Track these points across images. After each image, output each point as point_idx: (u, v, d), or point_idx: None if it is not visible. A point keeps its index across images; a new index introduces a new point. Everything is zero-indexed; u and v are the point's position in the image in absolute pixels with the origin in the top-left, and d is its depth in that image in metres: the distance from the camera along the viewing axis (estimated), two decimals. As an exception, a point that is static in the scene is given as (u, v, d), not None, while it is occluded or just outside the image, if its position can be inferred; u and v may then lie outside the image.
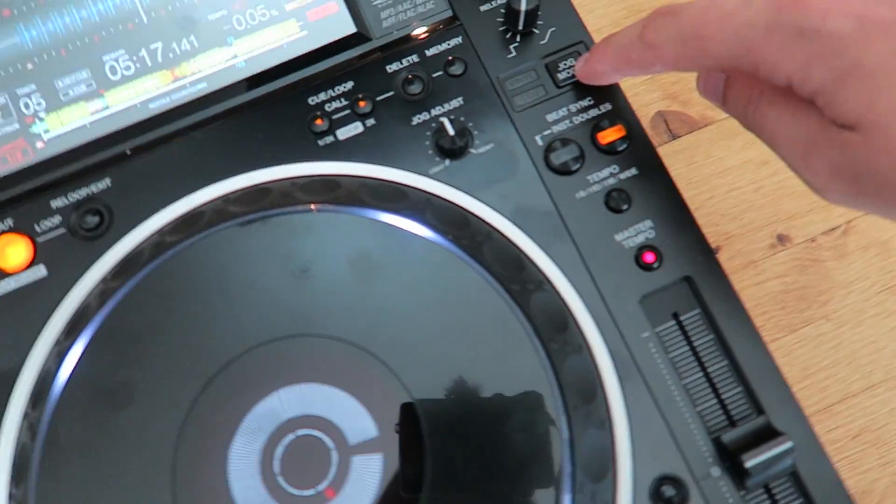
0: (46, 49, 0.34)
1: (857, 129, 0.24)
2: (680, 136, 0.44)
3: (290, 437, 0.29)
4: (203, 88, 0.34)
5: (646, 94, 0.45)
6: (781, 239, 0.43)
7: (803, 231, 0.43)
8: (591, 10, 0.46)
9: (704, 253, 0.31)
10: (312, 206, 0.31)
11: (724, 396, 0.30)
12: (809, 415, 0.40)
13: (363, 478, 0.28)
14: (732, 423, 0.30)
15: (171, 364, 0.29)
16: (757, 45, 0.25)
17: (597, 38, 0.44)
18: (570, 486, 0.27)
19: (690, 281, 0.31)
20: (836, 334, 0.41)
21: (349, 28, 0.35)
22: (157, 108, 0.34)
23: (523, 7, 0.32)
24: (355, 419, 0.29)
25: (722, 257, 0.42)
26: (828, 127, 0.25)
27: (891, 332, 0.41)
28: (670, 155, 0.44)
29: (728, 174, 0.43)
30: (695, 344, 0.31)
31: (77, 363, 0.29)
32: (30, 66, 0.34)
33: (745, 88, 0.28)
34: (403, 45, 0.34)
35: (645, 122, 0.44)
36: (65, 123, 0.34)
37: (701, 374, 0.31)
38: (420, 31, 0.35)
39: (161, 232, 0.31)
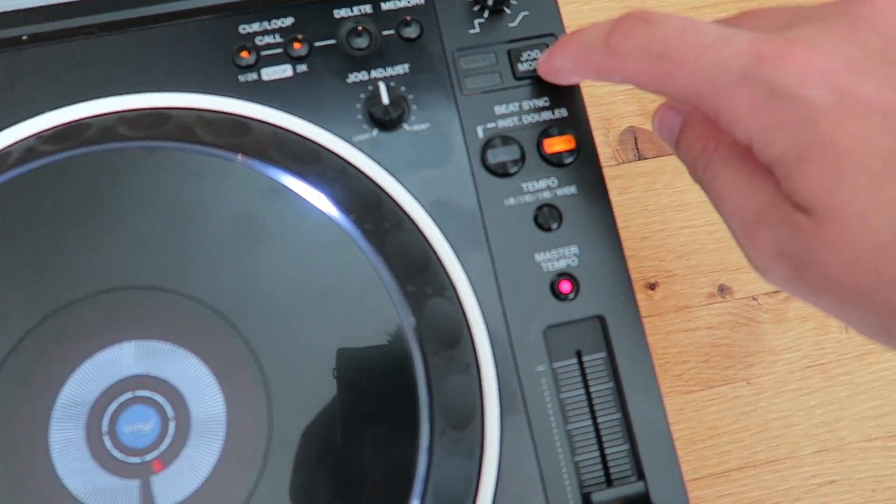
0: None
1: (812, 214, 0.21)
2: (646, 158, 0.41)
3: (128, 395, 0.26)
4: (129, -15, 0.30)
5: (623, 105, 0.42)
6: (722, 290, 0.40)
7: (747, 287, 0.40)
8: (588, 1, 0.43)
9: (625, 294, 0.29)
10: (212, 149, 0.27)
11: (607, 451, 0.28)
12: (704, 476, 0.39)
13: (196, 459, 0.25)
14: (609, 482, 0.28)
15: (12, 288, 0.26)
16: (725, 91, 0.22)
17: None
18: (416, 513, 0.25)
19: (603, 321, 0.29)
20: (753, 400, 0.39)
21: (305, -44, 0.31)
22: (72, -5, 0.30)
23: (496, -19, 0.29)
24: (205, 393, 0.26)
25: (657, 295, 0.40)
26: (782, 203, 0.22)
27: (808, 410, 0.39)
28: (632, 175, 0.41)
29: (685, 210, 0.41)
30: (591, 389, 0.28)
31: None
32: (-63, -87, 0.30)
33: (700, 139, 0.25)
34: (360, -10, 0.31)
35: (614, 135, 0.41)
36: (-37, -12, 0.30)
37: (590, 422, 0.28)
38: (382, -20, 0.31)
39: (39, 136, 0.28)
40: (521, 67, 0.30)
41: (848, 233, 0.20)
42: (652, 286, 0.40)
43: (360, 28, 0.30)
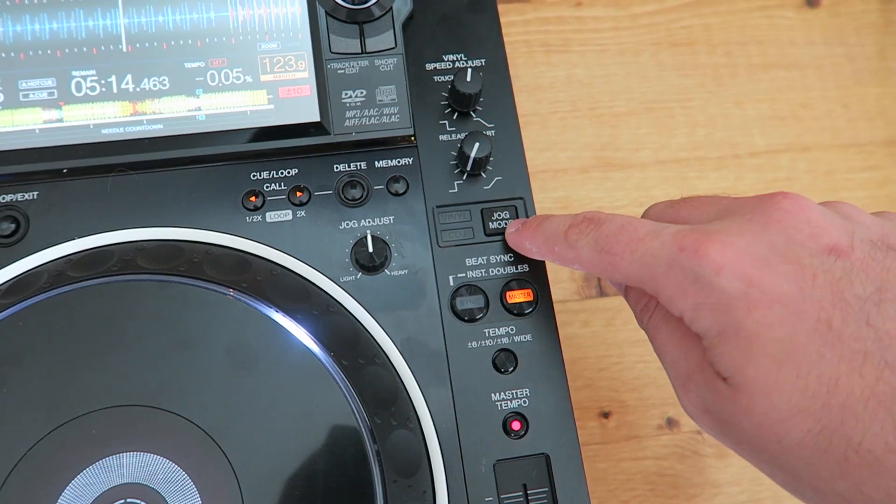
0: (20, 47, 0.35)
1: (728, 383, 0.25)
2: (607, 295, 0.45)
3: (122, 501, 0.29)
4: (158, 129, 0.35)
5: (590, 244, 0.47)
6: (670, 423, 0.44)
7: (693, 422, 0.44)
8: (564, 150, 0.48)
9: (569, 436, 0.32)
10: (222, 290, 0.31)
11: (544, 580, 0.31)
12: None
13: (174, 562, 0.28)
14: None
15: (28, 400, 0.29)
16: (656, 277, 0.26)
17: (558, 178, 0.46)
18: None
19: (548, 459, 0.32)
20: (694, 529, 0.42)
21: (313, 116, 0.36)
22: (108, 134, 0.35)
23: (473, 154, 0.34)
24: (187, 502, 0.29)
25: (610, 423, 0.43)
26: (707, 368, 0.26)
27: (745, 542, 0.42)
28: (593, 311, 0.45)
29: (640, 346, 0.45)
30: (534, 521, 0.32)
31: (-64, 370, 0.29)
32: (2, 55, 0.35)
33: (644, 295, 0.29)
34: (357, 148, 0.35)
35: (579, 273, 0.46)
36: (15, 123, 0.34)
37: (530, 551, 0.31)
38: (378, 140, 0.36)
39: (68, 261, 0.32)
40: (492, 225, 0.35)
41: (755, 404, 0.24)
42: (606, 415, 0.44)
43: (354, 181, 0.35)
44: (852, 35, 0.53)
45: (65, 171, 0.34)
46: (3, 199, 0.33)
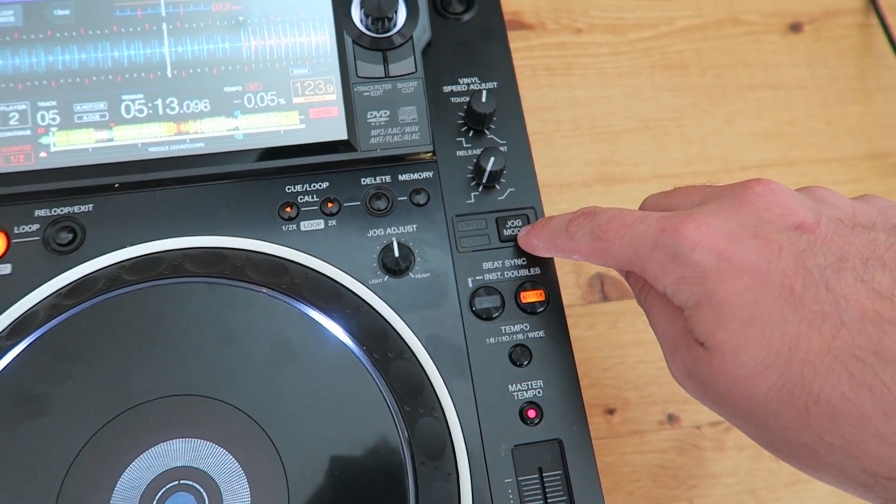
0: (75, 74, 0.38)
1: (705, 347, 0.28)
2: (610, 300, 0.49)
3: (174, 483, 0.32)
4: (200, 147, 0.38)
5: (593, 253, 0.50)
6: (671, 418, 0.47)
7: (692, 417, 0.47)
8: (567, 165, 0.51)
9: (579, 424, 0.35)
10: (255, 286, 0.34)
11: (559, 554, 0.34)
12: (649, 585, 0.44)
13: (224, 538, 0.31)
14: (559, 580, 0.33)
15: (89, 391, 0.32)
16: (643, 257, 0.30)
17: (563, 192, 0.49)
18: None
19: (561, 444, 0.35)
20: (695, 518, 0.45)
21: (341, 134, 0.39)
22: (154, 153, 0.38)
23: (489, 167, 0.37)
24: (235, 484, 0.32)
25: (615, 419, 0.46)
26: (689, 336, 0.29)
27: (743, 530, 0.45)
28: (597, 315, 0.48)
29: (642, 346, 0.48)
30: (549, 500, 0.34)
31: (9, 364, 0.32)
32: (55, 84, 0.38)
33: (640, 277, 0.33)
34: (382, 163, 0.39)
35: (584, 279, 0.49)
36: (71, 143, 0.38)
37: (546, 528, 0.34)
38: (400, 156, 0.39)
39: (121, 266, 0.35)
40: (506, 232, 0.38)
41: (727, 363, 0.27)
42: (611, 411, 0.47)
43: (379, 193, 0.38)
44: (833, 57, 0.57)
45: (116, 185, 0.37)
46: (62, 211, 0.36)
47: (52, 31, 0.38)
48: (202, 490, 0.32)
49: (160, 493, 0.31)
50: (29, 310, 0.34)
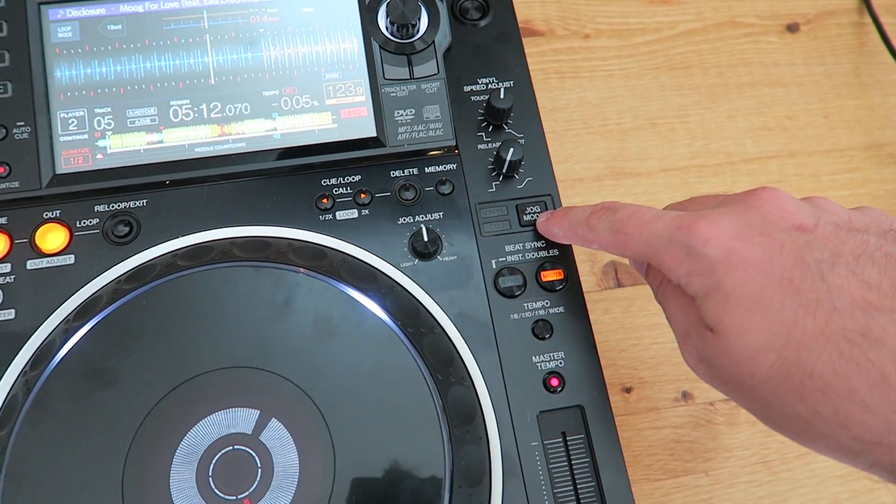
0: (127, 83, 0.42)
1: (713, 332, 0.31)
2: (624, 286, 0.51)
3: (229, 448, 0.35)
4: (242, 147, 0.42)
5: (607, 243, 0.53)
6: (685, 396, 0.49)
7: (705, 394, 0.49)
8: (580, 161, 0.54)
9: (599, 391, 0.38)
10: (297, 269, 0.37)
11: (583, 511, 0.36)
12: (669, 552, 0.46)
13: (277, 500, 0.34)
14: (584, 535, 0.36)
15: (152, 365, 0.35)
16: (659, 251, 0.33)
17: (576, 186, 0.52)
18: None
19: (582, 410, 0.38)
20: (710, 489, 0.48)
21: (370, 132, 0.42)
22: (200, 152, 0.42)
23: (509, 157, 0.40)
24: (285, 450, 0.35)
25: (632, 397, 0.49)
26: (700, 323, 0.32)
27: (756, 500, 0.47)
28: (612, 300, 0.51)
29: (655, 329, 0.50)
30: (573, 462, 0.37)
31: (77, 342, 0.35)
32: (109, 92, 0.42)
33: (658, 275, 0.36)
34: (409, 157, 0.42)
35: (598, 266, 0.52)
36: (124, 145, 0.41)
37: (571, 488, 0.37)
38: (426, 150, 0.42)
39: (175, 254, 0.38)
40: (526, 217, 0.41)
41: (732, 345, 0.30)
42: (628, 390, 0.49)
43: (408, 184, 0.41)
44: (829, 55, 0.60)
45: (167, 182, 0.41)
46: (119, 206, 0.40)
47: (106, 45, 0.42)
48: (254, 454, 0.35)
49: (216, 458, 0.34)
50: (93, 295, 0.37)
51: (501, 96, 0.41)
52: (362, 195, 0.41)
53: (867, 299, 0.28)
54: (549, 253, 0.40)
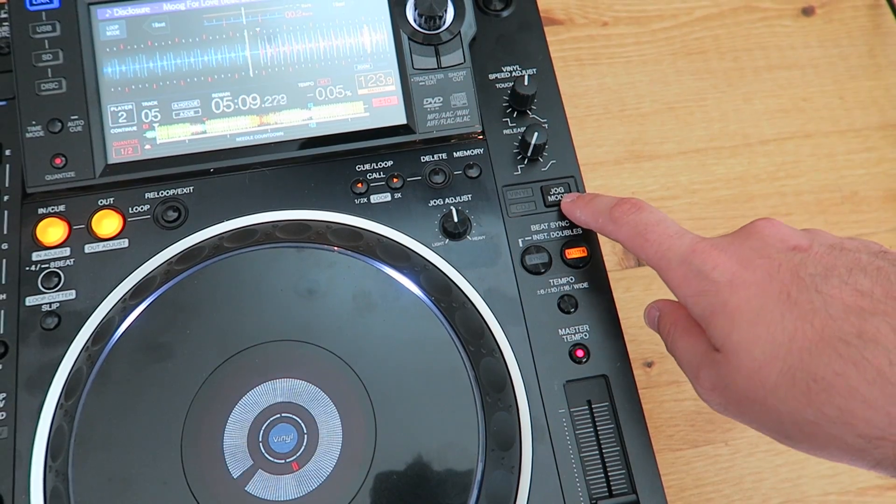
0: (172, 77, 0.44)
1: (722, 352, 0.33)
2: (644, 265, 0.53)
3: (277, 415, 0.37)
4: (280, 136, 0.44)
5: (627, 223, 0.55)
6: (705, 368, 0.51)
7: (724, 367, 0.51)
8: (600, 146, 0.56)
9: (622, 361, 0.40)
10: (336, 248, 0.40)
11: (609, 473, 0.39)
12: (691, 517, 0.48)
13: (322, 463, 0.36)
14: (611, 494, 0.38)
15: (205, 338, 0.38)
16: (671, 267, 0.35)
17: (597, 169, 0.54)
18: (472, 507, 0.36)
19: (606, 379, 0.40)
20: (731, 458, 0.50)
21: (401, 119, 0.45)
22: (242, 142, 0.44)
23: (533, 141, 0.42)
24: (329, 417, 0.37)
25: (653, 371, 0.51)
26: (710, 350, 0.34)
27: (775, 468, 0.49)
28: (634, 278, 0.53)
29: (675, 305, 0.52)
30: (598, 428, 0.39)
31: (135, 319, 0.38)
32: (155, 86, 0.44)
33: (668, 323, 0.38)
34: (438, 143, 0.44)
35: (619, 246, 0.54)
36: (171, 136, 0.44)
37: (597, 452, 0.39)
38: (454, 136, 0.44)
39: (221, 237, 0.41)
40: (550, 199, 0.43)
41: (741, 360, 0.32)
42: (649, 364, 0.51)
43: (437, 169, 0.43)
44: (844, 38, 0.61)
45: (211, 170, 0.43)
46: (167, 193, 0.42)
47: (151, 42, 0.44)
48: (300, 421, 0.37)
49: (266, 424, 0.37)
50: (147, 275, 0.40)
51: (526, 83, 0.44)
52: (395, 179, 0.43)
53: (860, 305, 0.30)
54: (573, 232, 0.42)
